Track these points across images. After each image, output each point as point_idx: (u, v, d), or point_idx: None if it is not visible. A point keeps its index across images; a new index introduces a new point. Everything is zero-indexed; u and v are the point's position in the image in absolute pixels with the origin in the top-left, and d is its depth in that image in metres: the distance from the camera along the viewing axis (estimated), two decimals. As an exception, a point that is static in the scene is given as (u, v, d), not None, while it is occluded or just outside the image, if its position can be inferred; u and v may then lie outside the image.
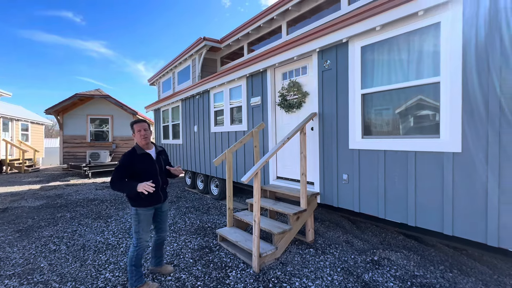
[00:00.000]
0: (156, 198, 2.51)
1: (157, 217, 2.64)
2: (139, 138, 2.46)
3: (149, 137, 2.50)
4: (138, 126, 2.48)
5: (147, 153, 2.47)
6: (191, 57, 7.36)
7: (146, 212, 2.45)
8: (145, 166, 2.41)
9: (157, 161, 2.52)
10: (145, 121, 2.54)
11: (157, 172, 2.49)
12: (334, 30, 3.20)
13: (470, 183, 2.31)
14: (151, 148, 2.55)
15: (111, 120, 11.91)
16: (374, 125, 3.09)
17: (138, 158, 2.40)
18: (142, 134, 2.45)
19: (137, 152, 2.42)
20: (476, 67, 2.25)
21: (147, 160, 2.45)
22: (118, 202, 6.24)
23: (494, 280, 2.70)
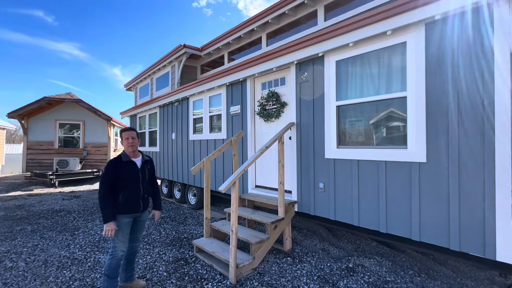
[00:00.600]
0: (136, 206, 2.50)
1: (134, 225, 2.59)
2: (126, 146, 2.48)
3: (136, 145, 2.52)
4: (126, 134, 2.50)
5: (132, 161, 2.49)
6: (170, 63, 7.27)
7: (123, 219, 2.42)
8: (129, 174, 2.44)
9: (141, 170, 2.53)
10: (134, 130, 2.57)
11: (140, 180, 2.50)
12: (311, 44, 3.35)
13: (434, 191, 2.47)
14: (137, 156, 2.57)
15: (82, 126, 11.29)
16: (349, 135, 3.22)
17: (122, 165, 2.43)
18: (130, 142, 2.47)
19: (123, 159, 2.46)
20: (437, 84, 2.45)
21: (131, 168, 2.47)
22: (87, 212, 5.86)
23: (457, 282, 2.88)
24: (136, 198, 2.48)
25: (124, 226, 2.44)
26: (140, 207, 2.53)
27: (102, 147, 11.37)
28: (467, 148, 2.28)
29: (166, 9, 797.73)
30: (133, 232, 2.59)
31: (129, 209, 2.44)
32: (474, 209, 2.24)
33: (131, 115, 9.52)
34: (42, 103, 10.22)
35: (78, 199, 7.36)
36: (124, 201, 2.39)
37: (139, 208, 2.52)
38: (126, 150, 2.50)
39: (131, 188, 2.44)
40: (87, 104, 10.63)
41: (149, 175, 2.63)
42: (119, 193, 2.39)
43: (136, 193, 2.47)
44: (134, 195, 2.46)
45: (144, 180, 2.54)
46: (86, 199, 7.43)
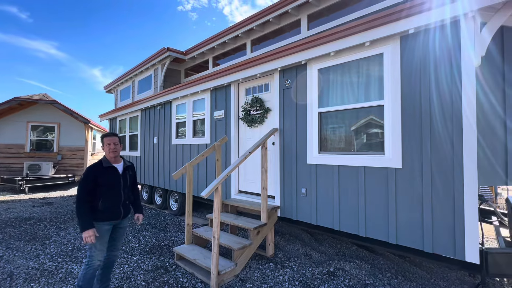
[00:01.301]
0: (116, 213, 2.41)
1: (113, 233, 2.48)
2: (107, 152, 2.41)
3: (118, 151, 2.45)
4: (108, 139, 2.44)
5: (113, 167, 2.42)
6: (153, 66, 7.14)
7: (102, 227, 2.31)
8: (110, 180, 2.36)
9: (122, 175, 2.46)
10: (116, 135, 2.51)
11: (121, 186, 2.43)
12: (294, 52, 3.43)
13: (409, 195, 2.58)
14: (119, 162, 2.50)
15: (57, 129, 10.73)
16: (330, 141, 3.31)
17: (103, 171, 2.35)
18: (112, 148, 2.41)
19: (103, 164, 2.38)
20: (411, 94, 2.59)
21: (112, 174, 2.39)
22: (60, 220, 5.54)
23: (431, 283, 3.00)
24: (117, 205, 2.40)
25: (103, 233, 2.32)
26: (121, 213, 2.44)
27: (78, 151, 10.84)
28: (438, 155, 2.42)
29: (150, 11, 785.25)
30: (112, 239, 2.48)
31: (109, 216, 2.35)
32: (446, 213, 2.37)
33: (110, 118, 9.19)
34: (13, 104, 9.62)
35: (50, 206, 6.94)
36: (104, 207, 2.30)
37: (120, 215, 2.43)
38: (107, 155, 2.43)
39: (112, 195, 2.37)
40: (63, 106, 10.14)
41: (131, 181, 2.57)
42: (99, 200, 2.29)
43: (117, 199, 2.40)
44: (115, 201, 2.39)
45: (125, 186, 2.48)
46: (60, 206, 7.03)
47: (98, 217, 2.29)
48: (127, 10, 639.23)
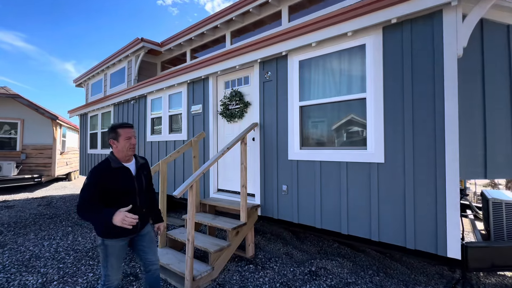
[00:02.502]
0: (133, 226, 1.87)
1: (137, 244, 1.99)
2: (125, 148, 1.85)
3: (135, 149, 1.95)
4: (127, 132, 1.86)
5: (125, 167, 1.88)
6: (126, 58, 6.69)
7: (117, 244, 1.85)
8: (121, 184, 1.83)
9: (136, 177, 1.93)
10: (133, 127, 1.97)
11: (136, 191, 1.90)
12: (275, 43, 3.26)
13: (392, 191, 2.51)
14: (130, 160, 1.96)
15: (21, 125, 9.85)
16: (312, 136, 3.18)
17: (112, 173, 1.82)
18: (133, 142, 1.88)
19: (112, 165, 1.84)
20: (393, 87, 2.51)
21: (124, 176, 1.86)
22: (19, 225, 5.01)
23: (412, 279, 2.98)
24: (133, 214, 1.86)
25: (118, 251, 1.86)
26: (137, 226, 1.90)
27: (45, 149, 10.03)
28: (421, 149, 2.36)
29: (128, 3, 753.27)
30: (140, 252, 2.00)
31: (123, 230, 1.78)
32: (428, 208, 2.32)
33: (81, 114, 8.58)
34: (-33, 98, 8.69)
35: (10, 210, 6.31)
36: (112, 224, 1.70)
37: (137, 226, 1.90)
38: (125, 153, 1.87)
39: (126, 202, 1.81)
40: (27, 100, 9.32)
41: (146, 182, 2.04)
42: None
43: (132, 208, 1.83)
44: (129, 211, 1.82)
45: (141, 190, 1.95)
46: (21, 209, 6.41)
47: (109, 233, 1.80)
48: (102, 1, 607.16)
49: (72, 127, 12.26)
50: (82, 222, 5.25)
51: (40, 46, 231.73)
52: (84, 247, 3.89)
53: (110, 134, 1.89)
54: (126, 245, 1.95)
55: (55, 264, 3.33)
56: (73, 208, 6.47)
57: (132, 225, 1.67)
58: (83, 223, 5.19)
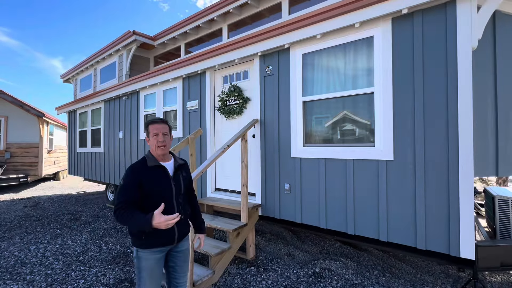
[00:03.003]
0: (169, 235, 1.66)
1: (169, 260, 1.76)
2: (154, 145, 1.69)
3: (168, 145, 1.74)
4: (154, 127, 1.70)
5: (162, 166, 1.70)
6: (117, 52, 6.40)
7: (151, 256, 1.62)
8: (157, 185, 1.65)
9: (174, 179, 1.73)
10: (166, 122, 1.77)
11: (173, 194, 1.69)
12: (277, 35, 3.11)
13: (401, 190, 2.41)
14: (168, 159, 1.78)
15: (4, 123, 9.38)
16: (316, 133, 3.06)
17: (148, 173, 1.64)
18: (160, 139, 1.67)
19: (148, 163, 1.67)
20: (403, 80, 2.41)
21: (160, 177, 1.67)
22: (3, 229, 4.72)
23: (418, 279, 2.91)
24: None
25: (153, 265, 1.63)
26: (175, 235, 1.68)
27: (31, 148, 9.60)
28: (433, 145, 2.26)
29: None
30: (170, 269, 1.77)
31: (159, 240, 1.61)
32: (440, 208, 2.23)
33: (69, 111, 8.22)
34: None
35: (-7, 212, 5.97)
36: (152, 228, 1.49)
37: (173, 236, 1.67)
38: (154, 151, 1.71)
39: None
40: (11, 97, 8.87)
41: (185, 185, 1.82)
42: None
43: (169, 213, 1.61)
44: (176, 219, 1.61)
45: (179, 193, 1.73)
46: (6, 211, 6.08)
47: (143, 243, 1.60)
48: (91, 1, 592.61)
49: (60, 125, 11.81)
50: (72, 224, 5.00)
51: (24, 41, 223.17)
52: (74, 251, 3.67)
53: (145, 132, 1.77)
54: (162, 260, 1.69)
55: (42, 270, 3.11)
56: (62, 209, 6.19)
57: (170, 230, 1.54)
58: (73, 225, 4.94)
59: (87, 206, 6.61)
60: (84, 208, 6.32)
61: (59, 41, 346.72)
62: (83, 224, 4.97)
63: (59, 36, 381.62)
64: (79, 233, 4.46)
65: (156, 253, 1.64)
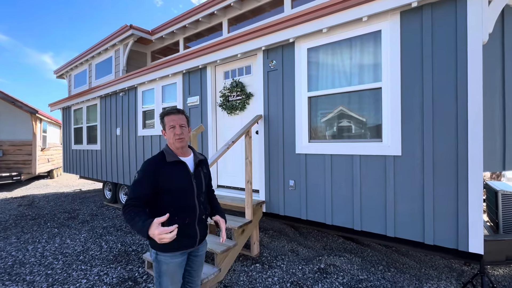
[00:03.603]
0: (191, 235, 1.55)
1: (187, 264, 1.66)
2: (171, 138, 1.56)
3: (186, 137, 1.59)
4: (171, 119, 1.56)
5: (181, 162, 1.57)
6: (114, 47, 6.25)
7: (171, 260, 1.52)
8: (177, 182, 1.53)
9: (195, 175, 1.60)
10: (183, 113, 1.62)
11: (194, 192, 1.57)
12: (281, 29, 3.05)
13: (409, 185, 2.40)
14: (188, 154, 1.65)
15: (-4, 120, 9.14)
16: (321, 129, 3.03)
17: (166, 169, 1.52)
18: (177, 132, 1.54)
19: (167, 158, 1.54)
20: (412, 75, 2.38)
21: (180, 174, 1.55)
22: (-1, 228, 4.60)
23: (423, 273, 2.93)
24: (192, 222, 1.54)
25: (173, 270, 1.53)
26: (197, 235, 1.58)
27: (24, 145, 9.38)
28: (442, 140, 2.25)
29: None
30: (187, 273, 1.68)
31: (180, 242, 1.49)
32: (449, 203, 2.23)
33: (63, 107, 8.03)
34: None
35: (-13, 211, 5.82)
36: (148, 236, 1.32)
37: (195, 237, 1.57)
38: (172, 144, 1.57)
39: (183, 206, 1.53)
40: (2, 93, 8.63)
41: (206, 182, 1.71)
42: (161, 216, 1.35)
43: (191, 213, 1.53)
44: (187, 216, 1.53)
45: (200, 191, 1.61)
46: (0, 210, 5.93)
47: (163, 246, 1.46)
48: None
49: (53, 122, 11.56)
50: (70, 222, 4.91)
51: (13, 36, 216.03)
52: (74, 250, 3.59)
53: (161, 125, 1.63)
54: (183, 263, 1.59)
55: (42, 270, 3.03)
56: (58, 208, 6.07)
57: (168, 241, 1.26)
58: (70, 223, 4.84)
59: (84, 204, 6.49)
60: (81, 207, 6.21)
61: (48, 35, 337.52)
62: (81, 223, 4.88)
63: (48, 30, 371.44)
64: (78, 232, 4.37)
65: (177, 257, 1.53)
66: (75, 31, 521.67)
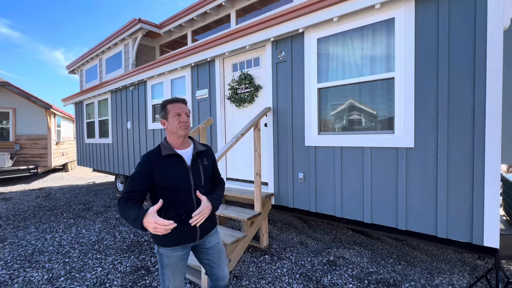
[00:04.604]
0: (190, 231, 1.53)
1: (202, 257, 1.67)
2: (175, 126, 1.49)
3: (189, 127, 1.55)
4: (176, 107, 1.51)
5: (177, 155, 1.51)
6: (123, 41, 6.30)
7: (172, 254, 1.52)
8: (171, 177, 1.47)
9: (193, 168, 1.54)
10: (186, 103, 1.59)
11: (191, 186, 1.51)
12: (290, 19, 2.99)
13: (422, 178, 2.35)
14: (186, 146, 1.58)
15: (13, 115, 9.44)
16: (331, 121, 2.98)
17: (161, 163, 1.48)
18: (184, 120, 1.50)
19: (162, 152, 1.50)
20: (427, 64, 2.30)
21: (176, 167, 1.50)
22: (18, 218, 4.81)
23: (435, 267, 2.89)
24: (189, 217, 1.45)
25: (176, 262, 1.53)
26: (196, 230, 1.54)
27: (40, 139, 9.69)
28: (457, 132, 2.18)
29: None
30: (207, 264, 1.68)
31: (179, 237, 1.50)
32: (463, 195, 2.17)
33: (76, 102, 8.21)
34: (-46, 86, 8.23)
35: (7, 202, 6.09)
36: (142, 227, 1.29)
37: (195, 232, 1.54)
38: (176, 133, 1.51)
39: (179, 201, 1.49)
40: (18, 89, 8.88)
41: (207, 175, 1.63)
42: (160, 212, 1.36)
43: (187, 208, 1.49)
44: (184, 212, 1.49)
45: (198, 185, 1.54)
46: (19, 201, 6.19)
47: (162, 241, 1.49)
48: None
49: (66, 116, 11.86)
50: (85, 213, 5.08)
51: (26, 32, 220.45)
52: (89, 240, 3.72)
53: (160, 114, 1.57)
54: (185, 256, 1.58)
55: (60, 258, 3.16)
56: (74, 200, 6.28)
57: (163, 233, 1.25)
58: (85, 214, 5.01)
59: (98, 196, 6.69)
60: (95, 199, 6.40)
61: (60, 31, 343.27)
62: (95, 214, 5.04)
63: (60, 26, 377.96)
64: (92, 222, 4.52)
65: (178, 250, 1.53)
66: (86, 26, 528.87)
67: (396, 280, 2.63)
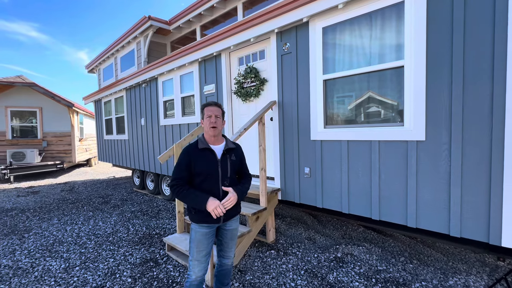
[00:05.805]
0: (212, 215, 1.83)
1: (219, 235, 1.97)
2: (207, 126, 1.84)
3: (219, 127, 1.86)
4: (209, 109, 1.86)
5: (210, 149, 1.84)
6: (135, 39, 6.43)
7: (199, 230, 1.83)
8: (204, 167, 1.80)
9: (221, 161, 1.84)
10: (219, 106, 1.91)
11: (219, 176, 1.81)
12: (294, 8, 2.88)
13: (434, 173, 2.20)
14: (219, 143, 1.90)
15: (39, 113, 10.06)
16: (337, 113, 2.87)
17: (198, 155, 1.82)
18: (212, 120, 1.82)
19: (199, 145, 1.85)
20: (440, 52, 2.12)
21: (207, 159, 1.82)
22: (44, 210, 5.15)
23: (450, 267, 2.73)
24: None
25: (200, 238, 1.82)
26: (221, 216, 1.81)
27: (64, 136, 10.27)
28: (472, 122, 2.01)
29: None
30: (219, 244, 1.99)
31: (204, 217, 1.79)
32: (478, 192, 2.00)
33: (95, 100, 8.57)
34: (-13, 88, 8.88)
35: (35, 195, 6.54)
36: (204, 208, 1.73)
37: (220, 216, 1.80)
38: (207, 132, 1.85)
39: (207, 188, 1.79)
40: (43, 89, 9.41)
41: (234, 169, 1.90)
42: None
43: (214, 195, 1.78)
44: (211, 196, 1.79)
45: (224, 176, 1.83)
46: (46, 194, 6.63)
47: (193, 218, 1.83)
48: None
49: (88, 114, 12.45)
50: (103, 206, 5.33)
51: (52, 35, 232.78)
52: (104, 232, 3.91)
53: (200, 115, 1.93)
54: (210, 235, 1.85)
55: (77, 249, 3.35)
56: (94, 193, 6.62)
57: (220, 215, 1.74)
58: (103, 207, 5.26)
59: (116, 190, 7.00)
60: (114, 192, 6.70)
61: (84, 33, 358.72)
62: (113, 207, 5.28)
63: (84, 28, 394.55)
64: (109, 215, 4.74)
65: (204, 228, 1.82)
66: (108, 26, 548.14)
67: (406, 279, 2.51)
